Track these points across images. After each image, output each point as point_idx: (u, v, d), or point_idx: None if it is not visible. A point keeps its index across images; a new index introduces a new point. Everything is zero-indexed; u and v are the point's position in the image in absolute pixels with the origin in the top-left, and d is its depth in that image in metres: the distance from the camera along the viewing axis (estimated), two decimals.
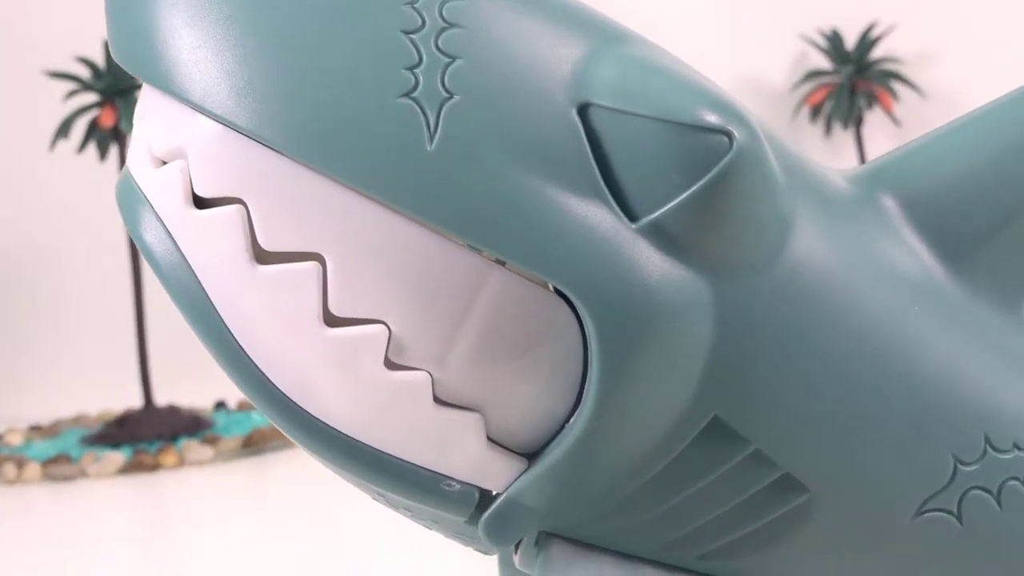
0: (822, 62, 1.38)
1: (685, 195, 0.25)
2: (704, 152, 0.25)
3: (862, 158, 1.29)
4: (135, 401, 1.09)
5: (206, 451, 0.99)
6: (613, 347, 0.25)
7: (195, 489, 0.93)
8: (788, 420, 0.28)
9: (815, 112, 1.34)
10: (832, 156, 1.36)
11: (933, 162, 0.32)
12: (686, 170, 0.25)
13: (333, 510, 0.75)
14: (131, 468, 0.98)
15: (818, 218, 0.29)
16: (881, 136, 1.36)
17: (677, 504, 0.28)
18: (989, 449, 0.30)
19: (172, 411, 1.08)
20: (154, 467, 0.98)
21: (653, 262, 0.26)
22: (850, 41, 1.36)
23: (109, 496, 0.93)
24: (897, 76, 1.33)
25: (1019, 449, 0.30)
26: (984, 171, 0.31)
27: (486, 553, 0.30)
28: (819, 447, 0.28)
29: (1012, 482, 0.30)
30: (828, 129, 1.33)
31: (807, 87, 1.37)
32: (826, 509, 0.29)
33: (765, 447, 0.28)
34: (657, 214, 0.26)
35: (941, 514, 0.30)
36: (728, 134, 0.25)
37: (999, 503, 0.30)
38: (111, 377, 1.20)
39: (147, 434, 1.04)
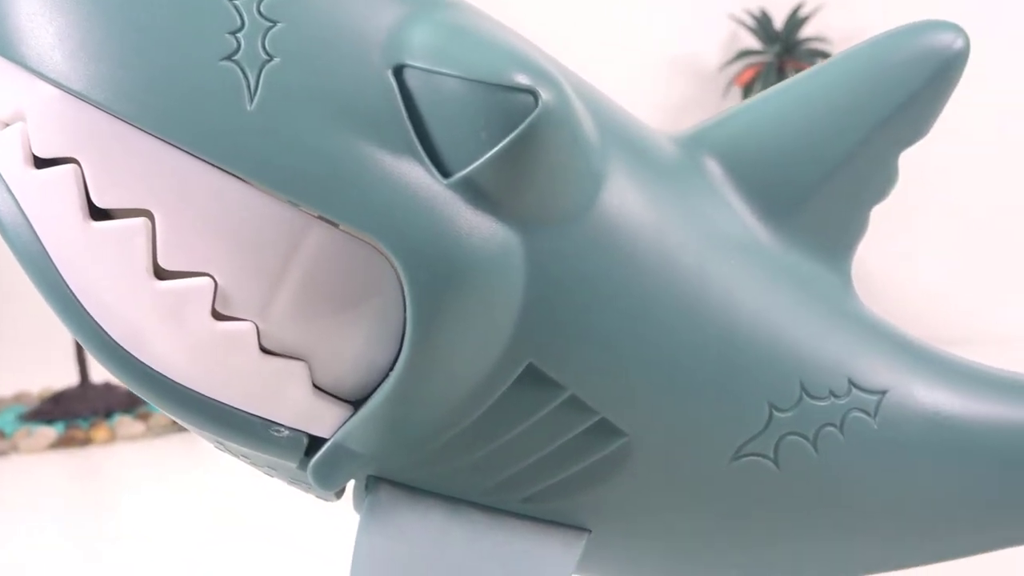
0: (752, 42, 1.40)
1: (492, 151, 0.27)
2: (510, 110, 0.27)
3: None
4: (72, 379, 1.10)
5: (137, 426, 1.00)
6: (425, 297, 0.27)
7: (126, 463, 0.94)
8: (602, 367, 0.29)
9: (746, 91, 1.35)
10: None
11: (754, 123, 0.33)
12: (494, 128, 0.27)
13: (260, 483, 0.75)
14: (63, 443, 0.99)
15: (635, 176, 0.31)
16: None
17: (497, 449, 0.30)
18: (805, 396, 0.32)
19: (108, 388, 1.08)
20: (86, 442, 0.99)
21: (463, 216, 0.27)
22: (778, 21, 1.38)
23: (40, 470, 0.94)
24: (824, 55, 1.35)
25: (835, 396, 0.32)
26: (804, 130, 0.33)
27: (325, 499, 0.31)
28: (634, 393, 0.30)
29: (828, 428, 0.32)
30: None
31: (737, 66, 1.38)
32: (644, 452, 0.31)
33: (580, 393, 0.29)
34: (467, 170, 0.27)
35: (758, 459, 0.32)
36: (534, 93, 0.27)
37: (815, 448, 0.32)
38: (50, 356, 1.20)
39: (82, 411, 1.05)
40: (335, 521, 0.45)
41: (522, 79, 0.27)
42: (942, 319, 1.29)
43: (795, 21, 1.36)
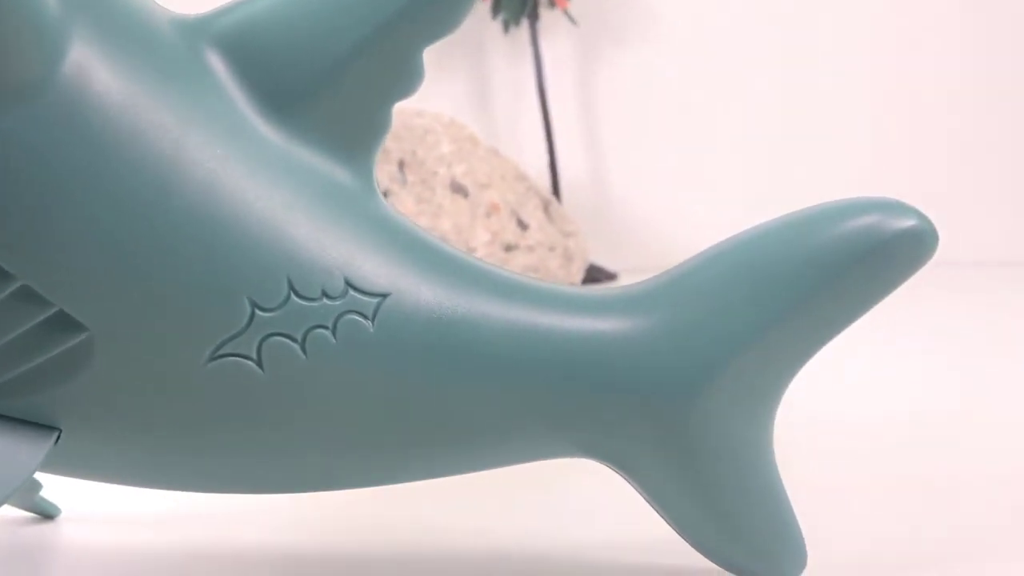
0: None
1: None
2: None
3: (537, 55, 1.30)
4: None
5: None
6: None
7: None
8: (58, 254, 0.28)
9: (495, 9, 1.34)
10: (511, 52, 1.37)
11: (260, 11, 0.32)
12: None
13: None
14: None
15: (109, 54, 0.29)
16: (557, 33, 1.37)
17: None
18: (293, 296, 0.30)
19: None
20: None
21: None
22: None
23: None
24: None
25: (328, 297, 0.31)
26: (312, 19, 0.32)
27: None
28: (94, 284, 0.28)
29: (319, 330, 0.31)
30: (506, 27, 1.34)
31: None
32: (109, 347, 0.29)
33: (34, 283, 0.28)
34: None
35: (239, 359, 0.30)
36: None
37: (304, 351, 0.31)
38: None
39: None
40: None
41: None
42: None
43: None
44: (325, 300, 0.31)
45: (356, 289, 0.31)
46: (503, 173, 1.09)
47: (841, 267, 0.33)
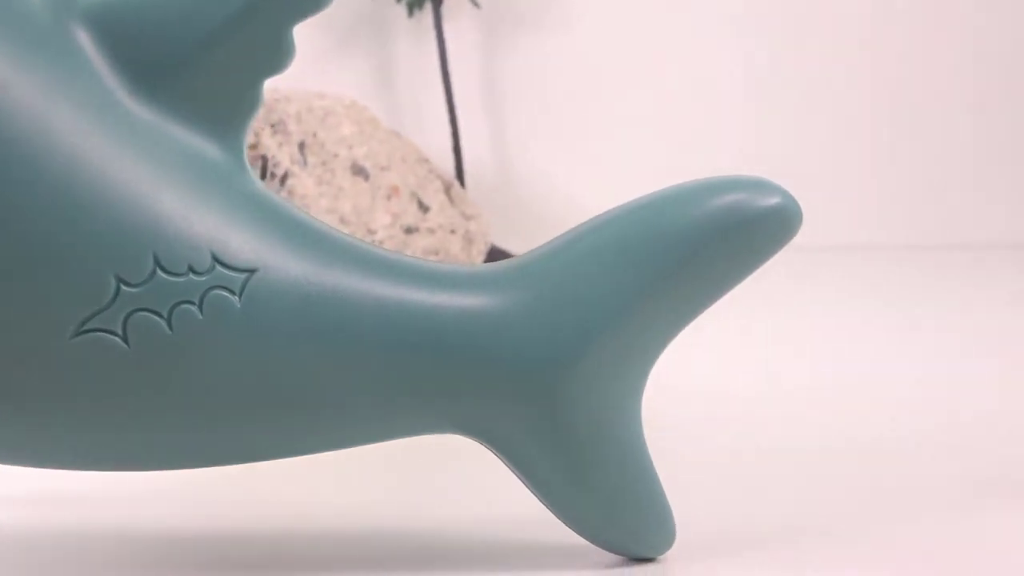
0: None
1: None
2: None
3: (441, 38, 1.30)
4: None
5: None
6: None
7: None
8: None
9: None
10: (415, 36, 1.37)
11: None
12: None
13: None
14: None
15: None
16: (461, 17, 1.37)
17: None
18: (159, 271, 0.31)
19: None
20: None
21: None
22: None
23: None
24: None
25: (195, 273, 0.31)
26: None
27: None
28: None
29: (185, 306, 0.31)
30: (411, 10, 1.33)
31: None
32: None
33: None
34: None
35: (104, 335, 0.30)
36: None
37: (170, 326, 0.31)
38: None
39: None
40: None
41: None
42: None
43: None
44: (191, 275, 0.31)
45: (223, 264, 0.32)
46: (404, 155, 1.09)
47: (707, 244, 0.33)
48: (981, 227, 1.39)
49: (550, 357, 0.33)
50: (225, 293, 0.31)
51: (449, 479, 0.46)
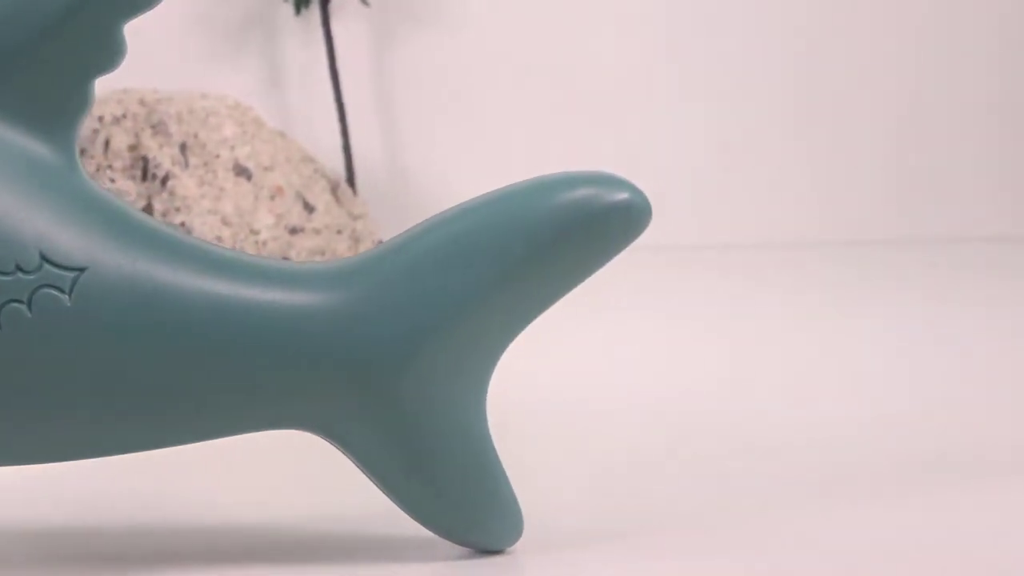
0: None
1: None
2: None
3: (329, 36, 1.29)
4: None
5: None
6: None
7: None
8: None
9: None
10: (303, 34, 1.37)
11: None
12: None
13: None
14: None
15: None
16: (349, 14, 1.37)
17: None
18: None
19: None
20: None
21: None
22: None
23: None
24: None
25: (23, 271, 0.31)
26: None
27: None
28: None
29: (14, 304, 0.31)
30: (298, 8, 1.33)
31: None
32: None
33: None
34: None
35: None
36: None
37: None
38: None
39: None
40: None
41: None
42: None
43: None
44: (19, 274, 0.31)
45: (52, 263, 0.31)
46: (288, 155, 1.09)
47: (553, 239, 0.34)
48: (855, 225, 1.41)
49: (389, 353, 0.33)
50: (54, 291, 0.31)
51: (298, 474, 0.46)
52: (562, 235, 0.34)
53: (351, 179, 1.28)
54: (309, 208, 1.07)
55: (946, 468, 0.46)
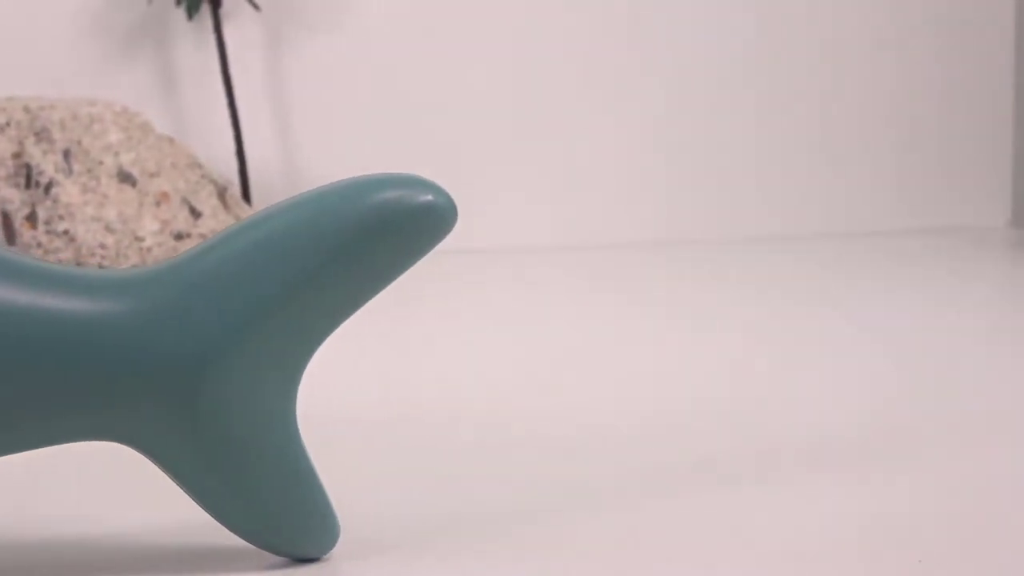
0: None
1: None
2: None
3: (220, 41, 1.29)
4: None
5: None
6: None
7: None
8: None
9: None
10: (196, 39, 1.36)
11: None
12: None
13: None
14: None
15: None
16: (242, 20, 1.37)
17: None
18: None
19: None
20: None
21: None
22: None
23: None
24: None
25: None
26: None
27: None
28: None
29: None
30: (190, 14, 1.33)
31: None
32: None
33: None
34: None
35: None
36: None
37: None
38: None
39: None
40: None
41: None
42: None
43: None
44: None
45: None
46: (175, 161, 1.09)
47: (357, 241, 0.34)
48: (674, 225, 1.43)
49: (187, 360, 0.34)
50: None
51: (114, 485, 0.45)
52: (368, 236, 0.34)
53: (244, 181, 1.28)
54: (196, 213, 1.07)
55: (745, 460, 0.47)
